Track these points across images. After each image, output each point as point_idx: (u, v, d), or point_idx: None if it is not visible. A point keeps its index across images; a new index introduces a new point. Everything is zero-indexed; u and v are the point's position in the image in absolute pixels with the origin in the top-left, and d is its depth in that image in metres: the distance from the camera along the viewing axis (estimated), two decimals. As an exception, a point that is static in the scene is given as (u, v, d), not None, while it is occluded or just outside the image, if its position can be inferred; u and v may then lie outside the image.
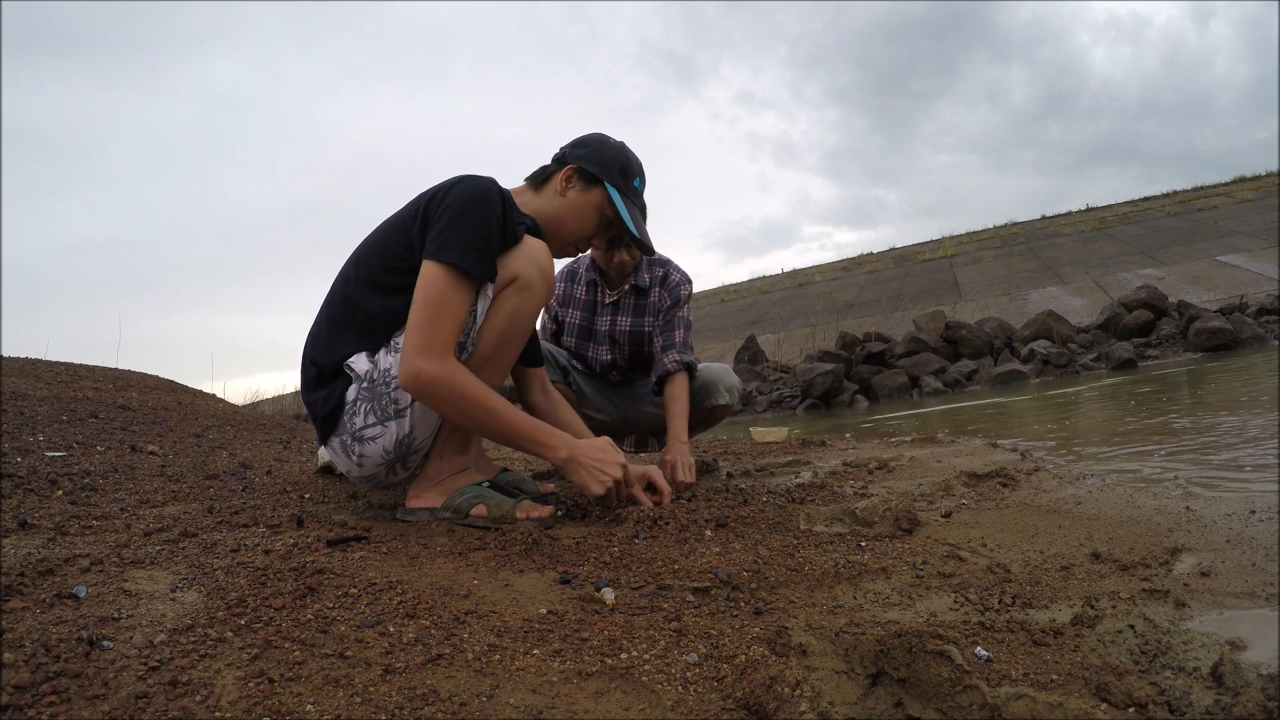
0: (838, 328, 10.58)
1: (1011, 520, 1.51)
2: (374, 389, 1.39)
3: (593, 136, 1.65)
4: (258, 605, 0.91)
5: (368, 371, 1.40)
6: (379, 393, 1.39)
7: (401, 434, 1.41)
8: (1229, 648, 0.85)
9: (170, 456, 2.34)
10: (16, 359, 4.59)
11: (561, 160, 1.61)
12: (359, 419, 1.40)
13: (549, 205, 1.58)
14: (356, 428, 1.41)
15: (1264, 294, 8.60)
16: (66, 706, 0.66)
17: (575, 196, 1.58)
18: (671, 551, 1.30)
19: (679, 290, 2.31)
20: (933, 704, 0.73)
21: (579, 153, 1.60)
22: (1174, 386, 4.62)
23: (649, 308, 2.32)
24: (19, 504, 1.44)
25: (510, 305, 1.43)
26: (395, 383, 1.37)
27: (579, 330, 2.36)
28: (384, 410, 1.39)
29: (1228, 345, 6.79)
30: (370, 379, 1.39)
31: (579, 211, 1.59)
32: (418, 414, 1.40)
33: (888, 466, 2.33)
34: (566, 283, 2.40)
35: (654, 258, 2.33)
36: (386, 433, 1.40)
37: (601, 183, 1.58)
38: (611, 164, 1.59)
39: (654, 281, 2.33)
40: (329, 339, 1.45)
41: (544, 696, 0.78)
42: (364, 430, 1.40)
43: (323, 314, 1.50)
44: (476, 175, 1.44)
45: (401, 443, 1.42)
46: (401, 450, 1.43)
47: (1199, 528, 1.34)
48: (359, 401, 1.40)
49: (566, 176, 1.58)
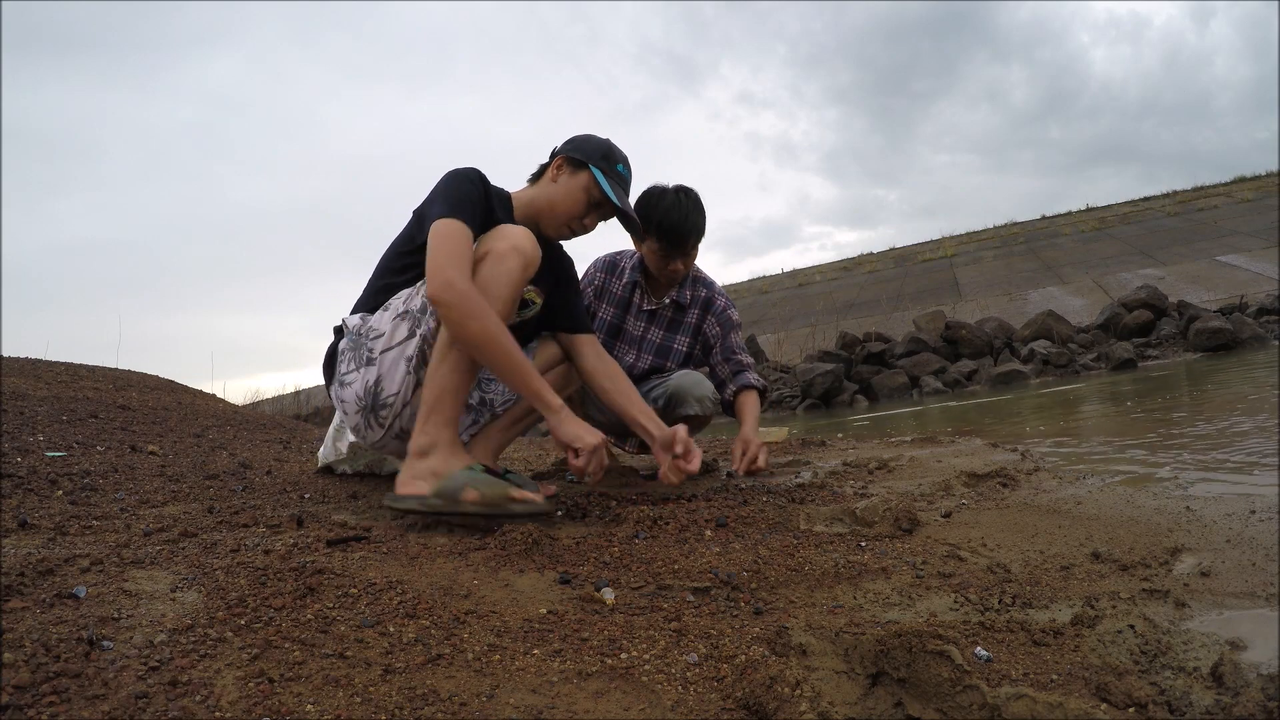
0: (838, 328, 10.58)
1: (1011, 520, 1.51)
2: (357, 340, 1.57)
3: (582, 135, 1.81)
4: (258, 605, 0.91)
5: (356, 325, 1.59)
6: (359, 343, 1.57)
7: (370, 381, 1.54)
8: (1229, 648, 0.85)
9: (170, 456, 2.34)
10: (16, 359, 4.59)
11: (553, 154, 1.79)
12: (343, 365, 1.59)
13: (542, 193, 1.75)
14: (341, 373, 1.59)
15: (1264, 294, 8.60)
16: (66, 706, 0.66)
17: (565, 180, 1.73)
18: (671, 551, 1.30)
19: (727, 315, 2.33)
20: (933, 704, 0.73)
21: (566, 145, 1.77)
22: (1174, 386, 4.62)
23: (684, 326, 2.32)
24: (19, 504, 1.44)
25: (480, 272, 1.48)
26: (373, 334, 1.54)
27: (609, 328, 2.34)
28: (360, 357, 1.56)
29: (1228, 345, 6.79)
30: (357, 332, 1.58)
31: (569, 193, 1.72)
32: (385, 365, 1.52)
33: (888, 466, 2.33)
34: (605, 274, 2.36)
35: (699, 277, 2.35)
36: (359, 378, 1.56)
37: (587, 166, 1.72)
38: (595, 150, 1.74)
39: (694, 302, 2.32)
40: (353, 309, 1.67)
41: (544, 696, 0.78)
42: (345, 375, 1.58)
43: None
44: (458, 168, 1.62)
45: (370, 389, 1.54)
46: (370, 398, 1.55)
47: (1199, 528, 1.34)
48: (345, 351, 1.59)
49: (557, 165, 1.74)
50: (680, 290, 2.30)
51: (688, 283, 2.31)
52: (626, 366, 2.32)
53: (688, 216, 2.10)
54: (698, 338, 2.34)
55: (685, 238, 2.12)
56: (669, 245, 2.14)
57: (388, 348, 1.53)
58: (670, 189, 2.14)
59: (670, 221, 2.09)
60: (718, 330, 2.31)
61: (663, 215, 2.10)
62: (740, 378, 2.27)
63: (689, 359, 2.35)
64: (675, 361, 2.33)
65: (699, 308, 2.32)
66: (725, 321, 2.31)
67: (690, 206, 2.10)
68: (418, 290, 1.54)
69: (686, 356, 2.34)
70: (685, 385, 2.21)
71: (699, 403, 2.20)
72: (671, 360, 2.32)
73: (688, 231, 2.12)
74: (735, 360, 2.28)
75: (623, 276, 2.33)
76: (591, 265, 2.41)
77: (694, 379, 2.23)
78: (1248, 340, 6.86)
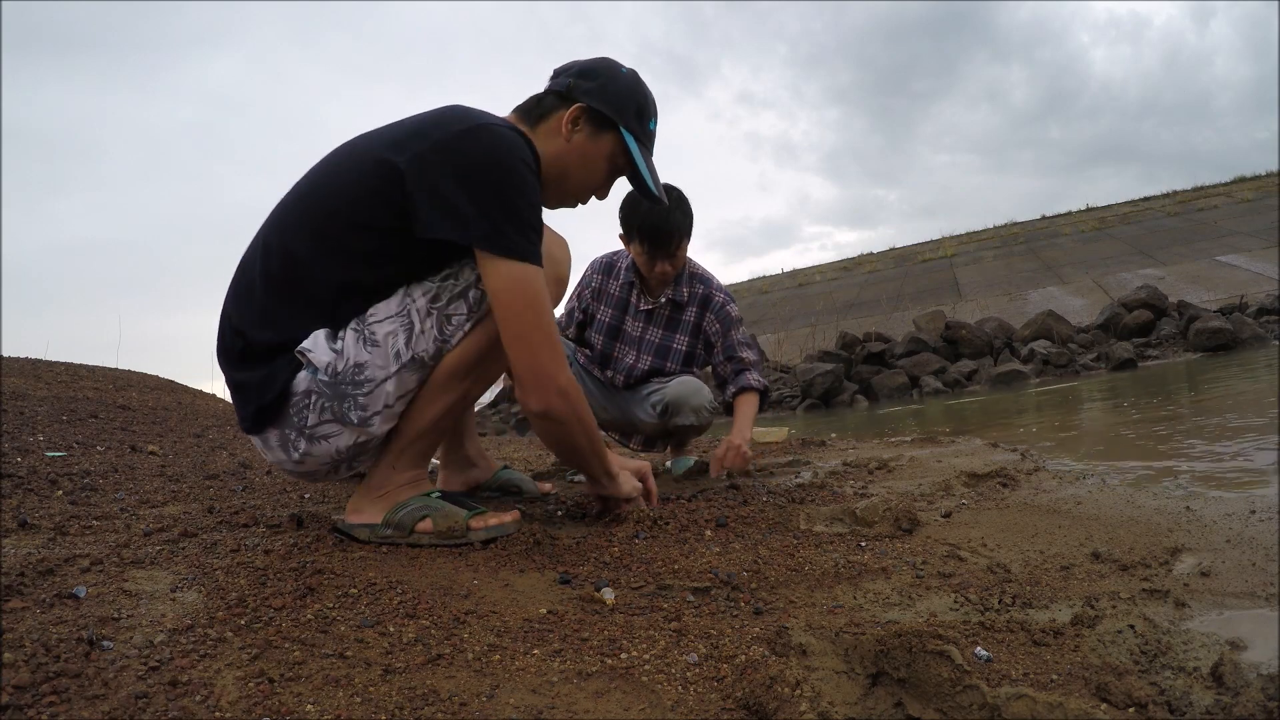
0: (838, 328, 10.57)
1: (1011, 520, 1.51)
2: (337, 387, 1.15)
3: (601, 64, 1.37)
4: (258, 605, 0.91)
5: (329, 364, 1.15)
6: (344, 393, 1.16)
7: (361, 439, 1.21)
8: (1229, 648, 0.85)
9: (170, 456, 2.34)
10: (16, 359, 4.59)
11: (564, 94, 1.33)
12: (312, 415, 1.17)
13: (549, 147, 1.31)
14: (309, 424, 1.18)
15: (1264, 294, 8.59)
16: (66, 706, 0.66)
17: (582, 142, 1.33)
18: (671, 551, 1.30)
19: (726, 311, 2.29)
20: (933, 704, 0.73)
21: (587, 86, 1.32)
22: (1174, 386, 4.62)
23: (682, 324, 2.30)
24: (19, 504, 1.44)
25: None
26: (367, 386, 1.16)
27: (608, 329, 2.33)
28: (344, 414, 1.17)
29: (1228, 345, 6.78)
30: (332, 373, 1.15)
31: (587, 160, 1.34)
32: (385, 419, 1.20)
33: (888, 466, 2.33)
34: (602, 276, 2.35)
35: (696, 273, 2.31)
36: (343, 434, 1.19)
37: (616, 127, 1.33)
38: (628, 103, 1.34)
39: (691, 299, 2.29)
40: (266, 308, 1.19)
41: (544, 696, 0.78)
42: (318, 429, 1.18)
43: (255, 271, 1.21)
44: (491, 125, 1.19)
45: (358, 444, 1.22)
46: (354, 451, 1.23)
47: (1199, 528, 1.34)
48: (315, 396, 1.16)
49: (574, 117, 1.31)
50: (676, 288, 2.28)
51: (684, 280, 2.29)
52: (627, 368, 2.31)
53: (669, 217, 2.08)
54: (698, 336, 2.32)
55: (668, 239, 2.10)
56: (652, 247, 2.13)
57: (389, 405, 1.18)
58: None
59: (650, 224, 2.08)
60: (718, 328, 2.29)
61: (643, 218, 2.08)
62: (740, 378, 2.25)
63: (691, 358, 2.33)
64: (675, 361, 2.31)
65: (697, 305, 2.30)
66: (725, 318, 2.29)
67: (672, 206, 2.08)
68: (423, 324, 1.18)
69: (687, 355, 2.32)
70: (682, 395, 2.20)
71: (695, 413, 2.20)
72: (671, 360, 2.31)
73: (670, 232, 2.10)
74: (737, 359, 2.26)
75: (619, 277, 2.32)
76: (589, 267, 2.40)
77: (691, 387, 2.21)
78: (1248, 340, 6.86)
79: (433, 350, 1.19)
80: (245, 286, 1.23)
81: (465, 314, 1.21)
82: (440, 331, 1.19)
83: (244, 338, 1.19)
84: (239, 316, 1.21)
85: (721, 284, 2.35)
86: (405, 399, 1.21)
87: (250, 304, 1.21)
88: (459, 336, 1.21)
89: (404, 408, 1.22)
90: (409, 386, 1.20)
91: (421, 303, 1.19)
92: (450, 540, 1.24)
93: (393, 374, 1.18)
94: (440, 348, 1.20)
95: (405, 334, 1.18)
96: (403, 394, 1.20)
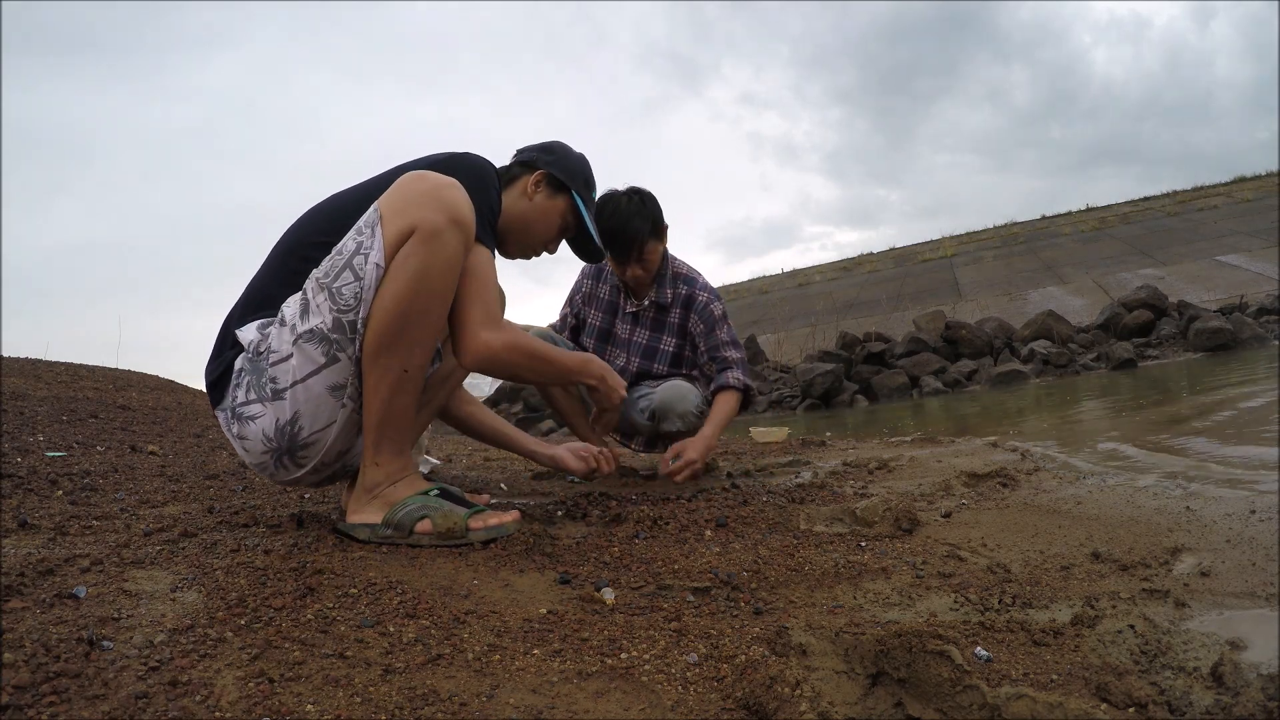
0: (838, 328, 10.57)
1: (1011, 520, 1.51)
2: (255, 363, 1.24)
3: (557, 144, 1.68)
4: (258, 605, 0.91)
5: (253, 343, 1.25)
6: (260, 367, 1.24)
7: (282, 420, 1.23)
8: (1229, 648, 0.85)
9: (170, 456, 2.34)
10: (16, 359, 4.59)
11: (529, 164, 1.63)
12: (240, 392, 1.26)
13: (515, 206, 1.59)
14: (238, 401, 1.26)
15: (1264, 294, 8.60)
16: (66, 706, 0.66)
17: (542, 201, 1.60)
18: (671, 551, 1.30)
19: (709, 310, 2.26)
20: (933, 704, 0.73)
21: (548, 159, 1.63)
22: (1174, 386, 4.62)
23: (668, 326, 2.30)
24: (19, 504, 1.44)
25: (413, 264, 1.19)
26: (274, 358, 1.22)
27: (599, 333, 2.34)
28: (261, 388, 1.24)
29: (1228, 345, 6.78)
30: (255, 350, 1.25)
31: (546, 215, 1.61)
32: (301, 399, 1.22)
33: (888, 466, 2.33)
34: (593, 280, 2.36)
35: (681, 273, 2.30)
36: (266, 414, 1.24)
37: (568, 190, 1.62)
38: (578, 174, 1.64)
39: (676, 300, 2.28)
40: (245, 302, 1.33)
41: (544, 696, 0.78)
42: (243, 407, 1.25)
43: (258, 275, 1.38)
44: (470, 153, 1.43)
45: (284, 430, 1.24)
46: (285, 440, 1.25)
47: (1199, 528, 1.34)
48: (243, 373, 1.26)
49: (536, 181, 1.60)
50: (660, 290, 2.27)
51: (668, 281, 2.28)
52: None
53: (628, 223, 2.07)
54: (685, 337, 2.31)
55: (628, 244, 2.09)
56: (616, 253, 2.12)
57: (297, 380, 1.22)
58: (619, 194, 2.12)
59: (609, 230, 2.06)
60: (702, 327, 2.27)
61: (604, 225, 2.06)
62: (720, 377, 2.22)
63: (679, 360, 2.32)
64: (663, 363, 2.31)
65: (681, 306, 2.28)
66: (708, 317, 2.26)
67: (632, 211, 2.07)
68: (315, 299, 1.22)
69: (675, 357, 2.32)
70: (668, 401, 2.20)
71: (681, 419, 2.19)
72: (659, 361, 2.31)
73: (629, 238, 2.09)
74: (720, 358, 2.25)
75: (607, 281, 2.34)
76: (580, 272, 2.41)
77: (678, 393, 2.20)
78: (1248, 340, 6.86)
79: (330, 322, 1.20)
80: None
81: (352, 281, 1.20)
82: (334, 302, 1.21)
83: (224, 329, 1.33)
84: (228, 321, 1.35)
85: (707, 282, 2.33)
86: (319, 377, 1.22)
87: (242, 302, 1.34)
88: (364, 311, 1.21)
89: (327, 384, 1.23)
90: (317, 361, 1.21)
91: (315, 276, 1.24)
92: (450, 541, 1.26)
93: (291, 345, 1.21)
94: (339, 319, 1.20)
95: (300, 307, 1.23)
96: (313, 369, 1.22)
